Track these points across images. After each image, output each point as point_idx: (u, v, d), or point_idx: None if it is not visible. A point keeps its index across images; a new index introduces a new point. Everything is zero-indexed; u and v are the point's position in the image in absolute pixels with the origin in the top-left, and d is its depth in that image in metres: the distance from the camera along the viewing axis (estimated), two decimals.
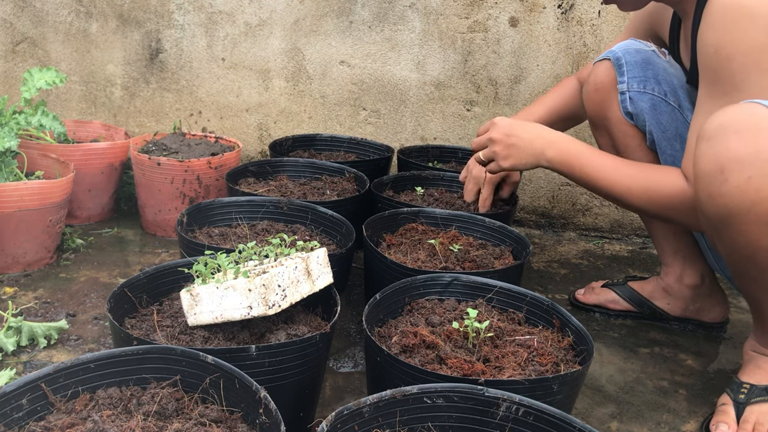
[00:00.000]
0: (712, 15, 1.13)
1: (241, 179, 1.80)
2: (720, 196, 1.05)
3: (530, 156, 1.40)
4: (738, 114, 1.05)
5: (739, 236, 1.06)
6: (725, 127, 1.05)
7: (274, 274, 1.01)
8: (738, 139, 1.03)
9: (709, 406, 1.29)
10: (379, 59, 2.19)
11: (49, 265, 1.70)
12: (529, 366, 1.02)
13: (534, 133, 1.40)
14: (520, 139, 1.40)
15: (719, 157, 1.04)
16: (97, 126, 2.18)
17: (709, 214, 1.09)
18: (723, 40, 1.11)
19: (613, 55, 1.45)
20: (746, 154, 1.02)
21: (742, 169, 1.02)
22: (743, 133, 1.03)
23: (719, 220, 1.08)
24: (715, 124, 1.07)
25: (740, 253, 1.09)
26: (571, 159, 1.35)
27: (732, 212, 1.05)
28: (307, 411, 1.08)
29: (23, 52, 2.36)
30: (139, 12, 2.28)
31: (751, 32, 1.09)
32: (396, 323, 1.14)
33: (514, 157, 1.41)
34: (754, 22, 1.08)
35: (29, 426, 0.81)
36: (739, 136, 1.03)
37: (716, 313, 1.57)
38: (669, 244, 1.53)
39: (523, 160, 1.41)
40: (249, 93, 2.30)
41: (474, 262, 1.40)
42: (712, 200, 1.07)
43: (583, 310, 1.65)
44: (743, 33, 1.09)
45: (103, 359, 0.88)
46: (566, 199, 2.20)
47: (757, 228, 1.03)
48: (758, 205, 1.02)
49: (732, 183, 1.03)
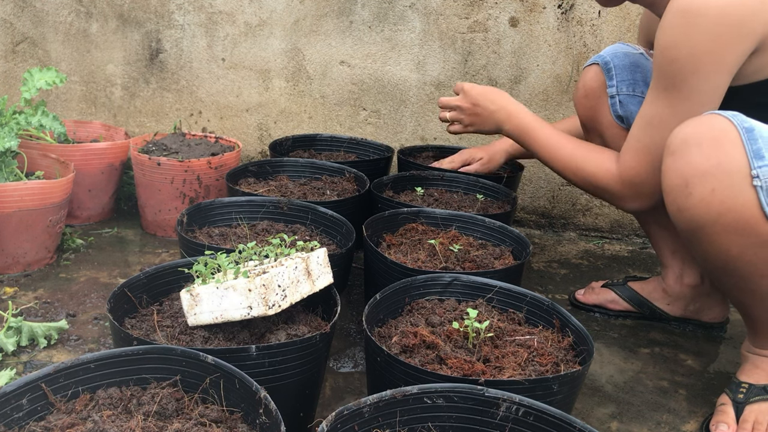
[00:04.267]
0: (666, 16, 1.16)
1: (241, 179, 1.80)
2: (687, 210, 1.08)
3: (491, 125, 1.57)
4: (698, 127, 1.08)
5: (710, 246, 1.09)
6: (687, 141, 1.08)
7: (274, 275, 1.01)
8: (699, 152, 1.05)
9: (709, 406, 1.29)
10: (379, 59, 2.19)
11: (49, 265, 1.70)
12: (529, 366, 1.02)
13: (498, 105, 1.55)
14: (484, 109, 1.56)
15: (683, 171, 1.08)
16: (97, 126, 2.18)
17: (681, 227, 1.13)
18: (669, 42, 1.15)
19: (601, 60, 1.47)
20: (708, 167, 1.04)
21: (704, 182, 1.05)
22: (704, 147, 1.05)
23: (690, 231, 1.11)
24: (678, 139, 1.10)
25: (714, 263, 1.12)
26: (524, 133, 1.50)
27: (699, 224, 1.08)
28: (307, 411, 1.08)
29: (23, 52, 2.36)
30: (139, 12, 2.28)
31: (696, 37, 1.12)
32: (396, 323, 1.14)
33: (476, 125, 1.60)
34: (699, 28, 1.11)
35: (29, 426, 0.81)
36: (701, 149, 1.05)
37: (716, 313, 1.57)
38: (667, 245, 1.54)
39: (484, 128, 1.59)
40: (249, 93, 2.30)
41: (474, 262, 1.40)
42: (681, 214, 1.10)
43: (583, 310, 1.65)
44: (687, 37, 1.12)
45: (103, 359, 0.88)
46: (566, 199, 2.20)
47: (726, 238, 1.06)
48: (723, 216, 1.04)
49: (696, 196, 1.06)
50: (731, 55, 1.12)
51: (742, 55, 1.13)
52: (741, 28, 1.10)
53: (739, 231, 1.04)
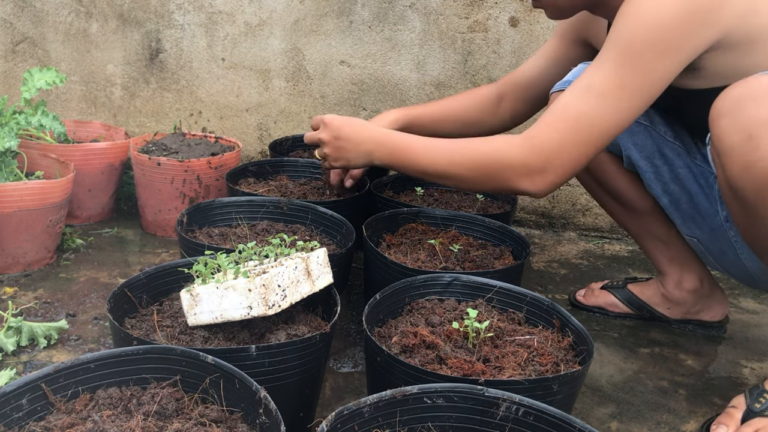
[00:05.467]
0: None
1: (241, 179, 1.80)
2: (756, 163, 1.03)
3: (361, 157, 1.38)
4: (747, 86, 1.05)
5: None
6: (740, 99, 1.04)
7: (274, 274, 1.01)
8: (757, 105, 1.03)
9: (709, 406, 1.29)
10: (379, 59, 2.20)
11: (49, 265, 1.70)
12: (529, 366, 1.02)
13: (363, 135, 1.37)
14: (348, 141, 1.38)
15: (743, 125, 1.03)
16: (97, 126, 2.18)
17: (747, 189, 1.06)
18: (635, 8, 1.10)
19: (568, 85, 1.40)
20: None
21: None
22: (760, 100, 1.03)
23: (758, 191, 1.05)
24: (728, 100, 1.06)
25: None
26: (398, 153, 1.32)
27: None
28: (307, 411, 1.08)
29: (23, 52, 2.36)
30: (139, 12, 2.28)
31: (662, 9, 1.08)
32: (396, 323, 1.14)
33: (343, 159, 1.41)
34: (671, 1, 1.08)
35: (29, 426, 0.81)
36: (757, 102, 1.03)
37: (716, 311, 1.57)
38: (662, 254, 1.53)
39: (353, 162, 1.40)
40: (249, 93, 2.30)
41: (474, 262, 1.41)
42: (748, 171, 1.04)
43: (583, 310, 1.65)
44: (654, 6, 1.09)
45: (103, 359, 0.88)
46: (566, 199, 2.20)
47: None
48: None
49: (765, 146, 1.01)
50: (694, 38, 1.10)
51: (703, 44, 1.11)
52: (708, 15, 1.08)
53: None
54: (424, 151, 1.28)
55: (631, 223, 1.55)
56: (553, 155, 1.15)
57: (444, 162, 1.25)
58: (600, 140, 1.15)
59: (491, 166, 1.20)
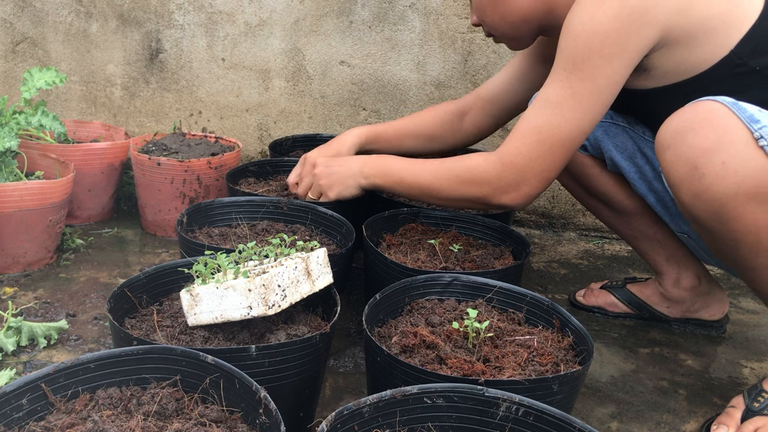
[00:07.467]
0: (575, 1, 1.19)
1: (241, 179, 1.80)
2: (703, 192, 1.06)
3: (350, 176, 1.47)
4: (685, 116, 1.08)
5: (738, 223, 1.05)
6: (679, 131, 1.08)
7: (274, 275, 1.01)
8: (696, 135, 1.05)
9: (709, 406, 1.29)
10: (379, 59, 2.20)
11: (49, 265, 1.70)
12: (529, 366, 1.02)
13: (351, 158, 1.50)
14: (339, 165, 1.49)
15: (687, 157, 1.06)
16: (97, 126, 2.18)
17: (702, 216, 1.09)
18: (576, 20, 1.16)
19: None
20: (711, 143, 1.03)
21: (713, 158, 1.03)
22: (698, 129, 1.05)
23: (713, 216, 1.07)
24: (668, 133, 1.10)
25: (745, 242, 1.07)
26: (385, 169, 1.43)
27: (721, 201, 1.04)
28: (307, 411, 1.08)
29: (23, 52, 2.36)
30: (139, 12, 2.28)
31: (601, 16, 1.13)
32: (396, 323, 1.14)
33: (337, 184, 1.49)
34: (605, 7, 1.13)
35: (29, 426, 0.81)
36: (696, 132, 1.05)
37: (715, 310, 1.57)
38: (659, 254, 1.53)
39: (344, 183, 1.48)
40: (249, 93, 2.30)
41: (474, 262, 1.41)
42: (698, 199, 1.07)
43: (583, 310, 1.65)
44: (594, 16, 1.14)
45: (103, 359, 0.88)
46: (566, 199, 2.20)
47: (751, 207, 1.03)
48: (743, 185, 1.02)
49: (709, 175, 1.04)
50: (634, 39, 1.13)
51: (645, 44, 1.14)
52: (644, 16, 1.12)
53: (761, 196, 1.02)
54: (409, 167, 1.39)
55: (623, 226, 1.56)
56: (525, 169, 1.24)
57: (428, 177, 1.36)
58: (565, 148, 1.22)
59: (473, 180, 1.30)
